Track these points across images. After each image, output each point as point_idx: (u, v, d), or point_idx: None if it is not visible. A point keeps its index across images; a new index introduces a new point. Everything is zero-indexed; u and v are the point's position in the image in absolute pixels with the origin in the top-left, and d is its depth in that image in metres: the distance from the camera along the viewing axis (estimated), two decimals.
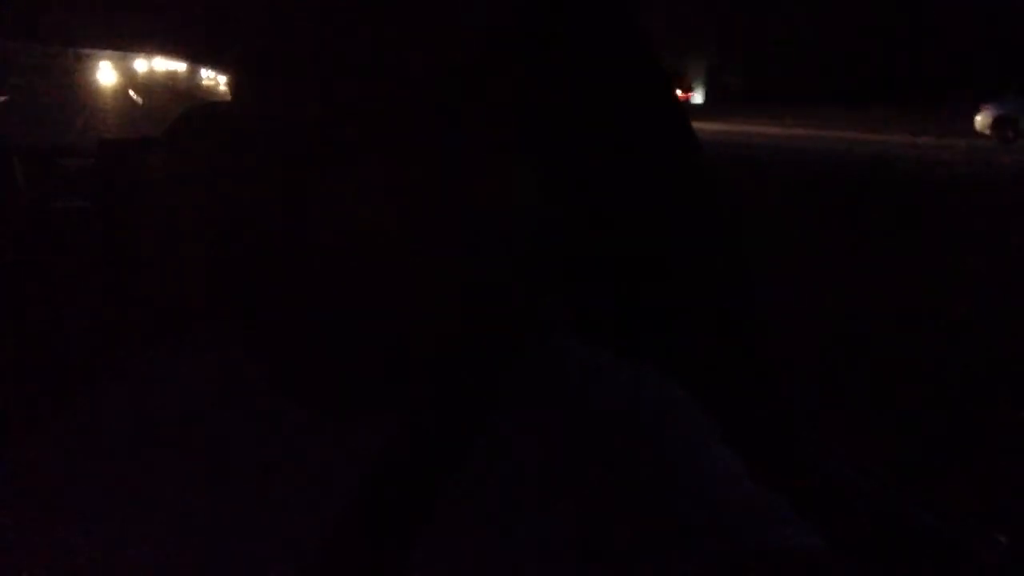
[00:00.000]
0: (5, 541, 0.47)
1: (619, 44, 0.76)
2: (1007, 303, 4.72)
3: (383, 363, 0.48)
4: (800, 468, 0.86)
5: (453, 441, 0.46)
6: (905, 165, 13.00)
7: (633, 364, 0.50)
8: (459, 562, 0.42)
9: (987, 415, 3.14)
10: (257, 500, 0.46)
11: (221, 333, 0.53)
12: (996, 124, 16.57)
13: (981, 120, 16.96)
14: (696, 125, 0.80)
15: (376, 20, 0.42)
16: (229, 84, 0.48)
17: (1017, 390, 3.33)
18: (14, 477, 0.50)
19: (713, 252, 0.83)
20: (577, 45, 0.74)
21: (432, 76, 0.43)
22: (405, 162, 0.42)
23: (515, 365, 0.50)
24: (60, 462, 0.50)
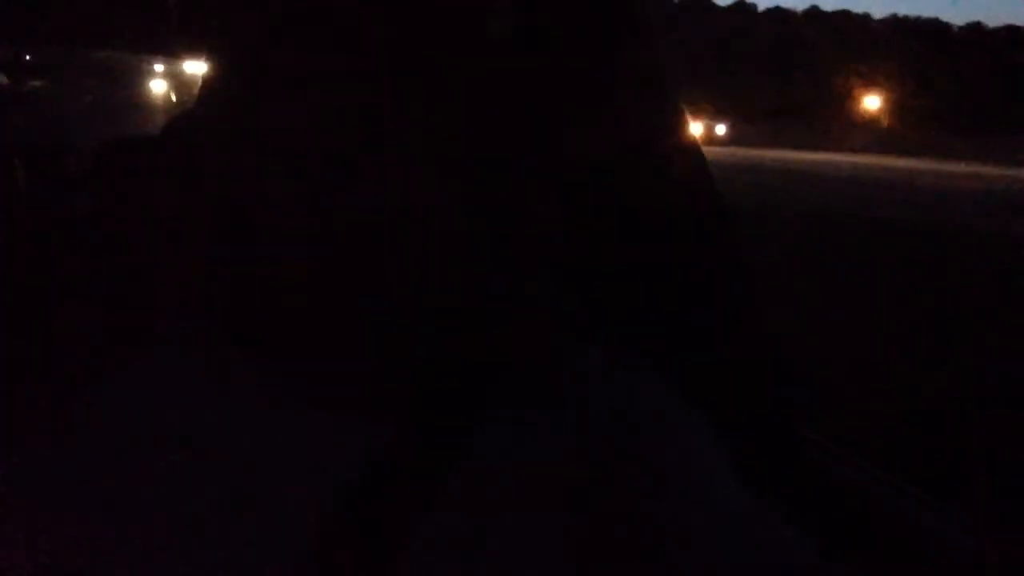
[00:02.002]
0: (6, 541, 0.47)
1: (621, 45, 0.76)
2: None
3: (383, 363, 0.48)
4: (800, 469, 0.86)
5: (452, 441, 0.46)
6: None
7: (632, 365, 0.51)
8: (458, 562, 0.42)
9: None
10: (256, 500, 0.46)
11: (220, 333, 0.53)
12: None
13: None
14: None
15: (378, 21, 0.42)
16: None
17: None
18: (14, 477, 0.50)
19: (713, 253, 0.83)
20: (580, 46, 0.73)
21: (434, 78, 0.43)
22: (406, 163, 0.42)
23: (515, 365, 0.50)
24: (60, 462, 0.50)
